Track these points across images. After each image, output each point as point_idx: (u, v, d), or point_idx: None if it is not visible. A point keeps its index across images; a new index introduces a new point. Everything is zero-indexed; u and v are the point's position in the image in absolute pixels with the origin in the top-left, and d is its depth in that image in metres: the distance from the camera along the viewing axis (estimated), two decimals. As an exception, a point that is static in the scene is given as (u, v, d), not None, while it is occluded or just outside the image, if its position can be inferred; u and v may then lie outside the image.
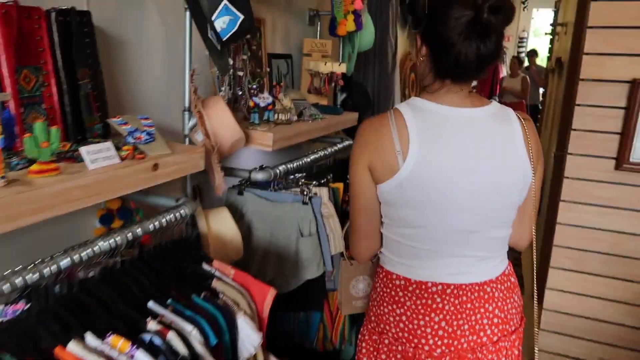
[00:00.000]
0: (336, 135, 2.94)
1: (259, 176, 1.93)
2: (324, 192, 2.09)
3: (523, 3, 13.29)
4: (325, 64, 2.73)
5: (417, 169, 1.18)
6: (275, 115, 2.10)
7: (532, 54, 8.56)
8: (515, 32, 14.66)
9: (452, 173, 1.19)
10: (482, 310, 1.26)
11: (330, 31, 2.85)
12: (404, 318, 1.28)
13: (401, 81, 4.49)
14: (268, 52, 2.71)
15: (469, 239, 1.25)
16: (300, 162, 2.21)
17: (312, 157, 2.33)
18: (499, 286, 1.30)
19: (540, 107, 7.17)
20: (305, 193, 2.03)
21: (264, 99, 1.96)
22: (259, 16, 2.59)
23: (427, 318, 1.26)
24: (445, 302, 1.26)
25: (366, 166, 1.27)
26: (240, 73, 2.12)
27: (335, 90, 3.02)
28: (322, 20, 3.15)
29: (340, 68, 2.79)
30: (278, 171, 2.00)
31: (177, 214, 1.43)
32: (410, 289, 1.29)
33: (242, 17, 1.61)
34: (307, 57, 2.90)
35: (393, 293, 1.32)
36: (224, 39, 1.63)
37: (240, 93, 2.14)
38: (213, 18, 1.58)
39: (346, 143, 2.69)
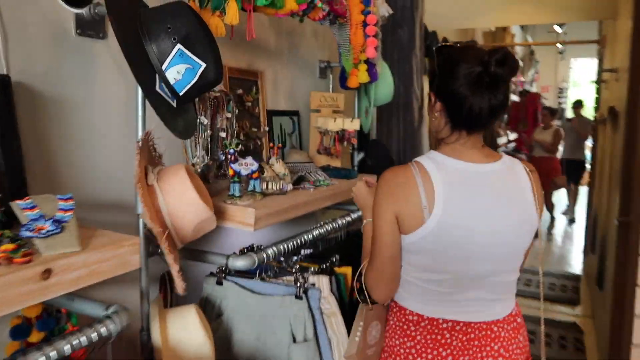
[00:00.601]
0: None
1: (238, 263, 1.49)
2: (324, 282, 1.63)
3: (560, 53, 12.91)
4: (334, 121, 2.35)
5: (442, 222, 1.25)
6: (264, 185, 1.69)
7: (578, 105, 7.85)
8: (554, 83, 14.17)
9: (474, 226, 1.27)
10: (487, 348, 1.32)
11: (341, 83, 2.49)
12: (413, 351, 1.35)
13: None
14: (268, 109, 2.36)
15: (484, 283, 1.33)
16: (299, 241, 1.77)
17: (316, 232, 1.88)
18: (505, 326, 1.36)
19: (590, 164, 6.51)
20: (299, 284, 1.58)
21: (246, 165, 1.56)
22: (255, 68, 2.25)
23: (435, 352, 1.32)
24: (454, 338, 1.32)
25: (394, 217, 1.30)
26: (223, 134, 1.75)
27: (352, 150, 2.62)
28: (334, 73, 2.80)
29: (352, 125, 2.40)
30: (265, 256, 1.56)
31: (94, 334, 1.01)
32: (422, 324, 1.35)
33: (203, 65, 1.25)
34: (315, 114, 2.54)
35: (405, 327, 1.38)
36: (181, 94, 1.26)
37: (223, 158, 1.76)
38: (164, 67, 1.22)
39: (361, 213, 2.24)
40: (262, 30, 2.29)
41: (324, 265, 1.77)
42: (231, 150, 1.58)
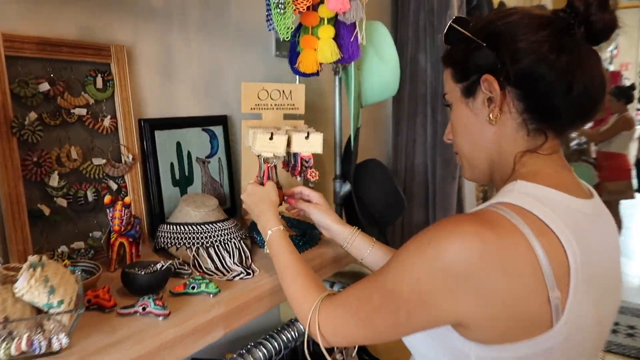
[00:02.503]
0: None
1: None
2: None
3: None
4: (270, 139, 1.21)
5: (577, 317, 0.69)
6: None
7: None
8: (635, 59, 12.11)
9: (606, 307, 0.76)
10: None
11: (292, 66, 1.34)
12: None
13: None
14: (145, 118, 1.27)
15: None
16: None
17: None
18: None
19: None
20: None
21: None
22: (103, 40, 1.16)
23: None
24: None
25: (452, 321, 0.70)
26: None
27: (308, 183, 1.46)
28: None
29: (307, 144, 1.25)
30: None
31: None
32: None
33: None
34: (247, 124, 1.41)
35: None
36: None
37: None
38: None
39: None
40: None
41: None
42: None
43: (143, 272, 0.93)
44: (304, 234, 1.28)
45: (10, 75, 0.98)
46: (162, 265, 0.96)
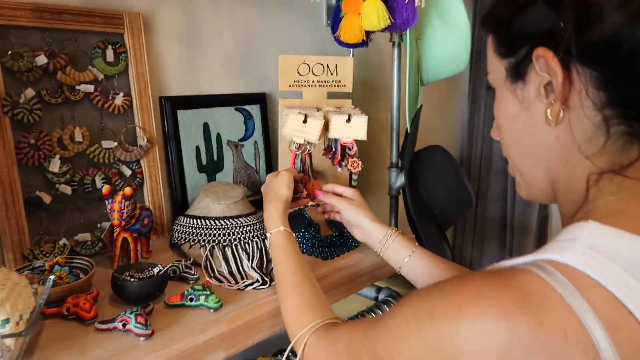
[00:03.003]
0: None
1: None
2: None
3: None
4: (304, 122, 1.02)
5: None
6: None
7: None
8: None
9: None
10: None
11: (333, 33, 1.13)
12: None
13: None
14: (166, 95, 1.13)
15: None
16: None
17: None
18: None
19: None
20: None
21: None
22: (112, 7, 1.02)
23: None
24: None
25: None
26: None
27: (353, 180, 1.24)
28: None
29: (349, 130, 1.05)
30: None
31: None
32: None
33: None
34: (285, 103, 1.22)
35: None
36: None
37: None
38: None
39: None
40: None
41: None
42: None
43: (133, 279, 0.79)
44: (341, 234, 1.09)
45: (2, 47, 0.87)
46: (160, 270, 0.82)
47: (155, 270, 0.82)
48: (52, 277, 0.71)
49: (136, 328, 0.70)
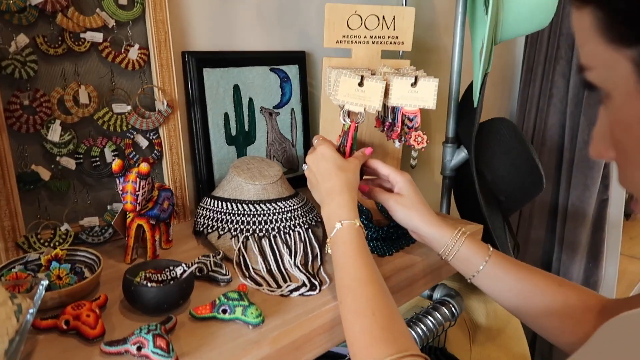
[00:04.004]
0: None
1: None
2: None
3: None
4: (360, 85, 0.82)
5: None
6: None
7: None
8: None
9: None
10: None
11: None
12: None
13: None
14: (189, 50, 0.93)
15: None
16: None
17: None
18: None
19: None
20: None
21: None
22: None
23: None
24: None
25: None
26: None
27: (413, 160, 1.04)
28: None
29: (415, 97, 0.84)
30: None
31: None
32: None
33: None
34: (330, 63, 1.02)
35: None
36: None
37: None
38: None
39: None
40: None
41: None
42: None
43: (151, 283, 0.62)
44: (397, 225, 0.90)
45: (-15, -21, 0.68)
46: (184, 270, 0.64)
47: (179, 270, 0.64)
48: (43, 283, 0.53)
49: (155, 355, 0.52)
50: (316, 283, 0.71)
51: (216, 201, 0.85)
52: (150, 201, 0.74)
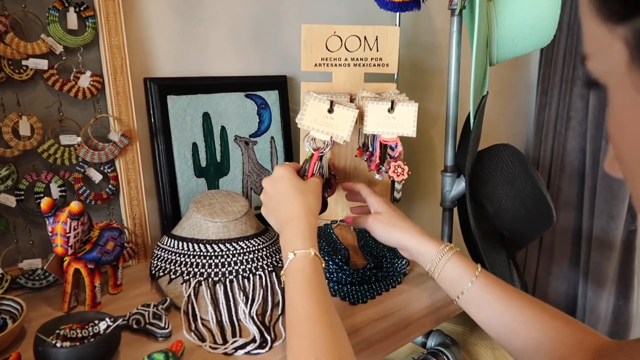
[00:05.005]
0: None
1: None
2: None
3: None
4: (329, 112, 0.74)
5: None
6: None
7: None
8: None
9: None
10: None
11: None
12: None
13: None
14: (151, 77, 0.87)
15: None
16: None
17: None
18: None
19: None
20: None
21: None
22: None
23: None
24: None
25: None
26: None
27: (395, 195, 0.94)
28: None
29: (392, 123, 0.75)
30: None
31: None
32: None
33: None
34: (308, 87, 0.94)
35: None
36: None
37: None
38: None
39: None
40: None
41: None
42: None
43: (64, 342, 0.54)
44: (376, 267, 0.80)
45: None
46: (108, 326, 0.56)
47: (102, 326, 0.56)
48: None
49: None
50: (268, 338, 0.62)
51: (173, 240, 0.77)
52: (88, 243, 0.67)
